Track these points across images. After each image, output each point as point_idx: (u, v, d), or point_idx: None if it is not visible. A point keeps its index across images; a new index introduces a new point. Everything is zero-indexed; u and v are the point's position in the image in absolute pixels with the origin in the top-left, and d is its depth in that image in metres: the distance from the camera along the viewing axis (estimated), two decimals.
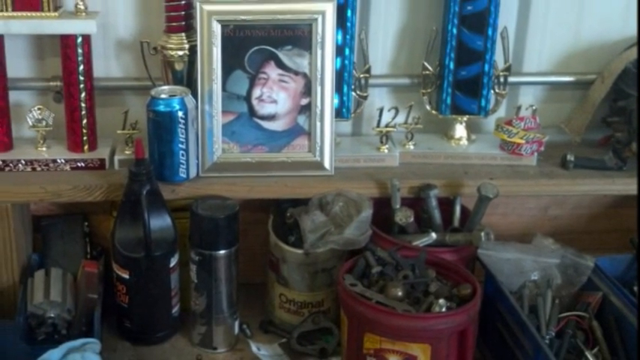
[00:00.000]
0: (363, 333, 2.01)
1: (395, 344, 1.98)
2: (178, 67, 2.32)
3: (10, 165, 2.31)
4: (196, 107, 2.27)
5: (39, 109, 2.34)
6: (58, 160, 2.33)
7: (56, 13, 2.25)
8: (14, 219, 2.27)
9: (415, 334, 1.98)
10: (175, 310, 2.32)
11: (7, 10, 2.24)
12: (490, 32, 2.38)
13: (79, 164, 2.34)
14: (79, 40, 2.27)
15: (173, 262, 2.26)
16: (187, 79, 2.34)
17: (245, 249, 2.34)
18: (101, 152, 2.38)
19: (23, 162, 2.32)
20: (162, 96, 2.22)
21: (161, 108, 2.20)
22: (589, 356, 2.08)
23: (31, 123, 2.34)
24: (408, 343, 1.97)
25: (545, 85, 2.59)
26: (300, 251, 2.26)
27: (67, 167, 2.33)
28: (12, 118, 2.36)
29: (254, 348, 2.29)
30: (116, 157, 2.36)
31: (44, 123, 2.34)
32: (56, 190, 2.25)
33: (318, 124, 2.32)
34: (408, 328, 1.97)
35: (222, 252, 2.20)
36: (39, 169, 2.32)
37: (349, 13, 2.34)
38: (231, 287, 2.25)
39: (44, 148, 2.36)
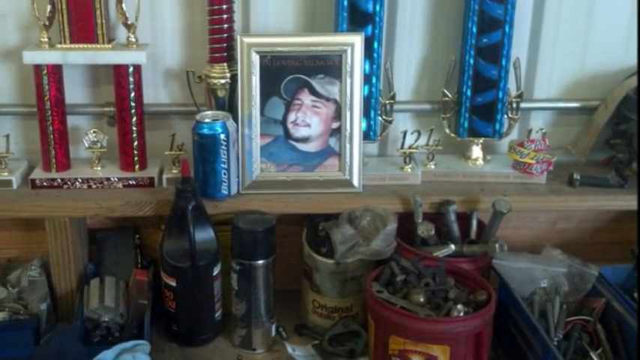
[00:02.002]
0: (389, 335, 2.08)
1: (417, 345, 2.05)
2: (221, 93, 2.40)
3: (68, 183, 2.41)
4: (237, 130, 2.34)
5: (94, 132, 2.43)
6: (112, 179, 2.42)
7: (110, 45, 2.35)
8: (72, 232, 2.36)
9: (436, 337, 2.04)
10: (218, 314, 2.39)
11: (65, 43, 2.34)
12: (504, 62, 2.44)
13: (130, 182, 2.43)
14: (131, 69, 2.36)
15: (216, 271, 2.33)
16: (229, 104, 2.41)
17: (281, 259, 2.40)
18: (150, 171, 2.46)
19: (80, 180, 2.41)
20: (206, 120, 2.29)
21: (205, 131, 2.27)
22: (593, 357, 2.15)
23: (87, 145, 2.43)
24: (429, 344, 2.04)
25: (553, 110, 2.65)
26: (331, 261, 2.32)
27: (120, 185, 2.42)
28: (70, 141, 2.45)
29: (289, 349, 2.37)
30: (164, 176, 2.44)
31: (99, 145, 2.43)
32: (110, 206, 2.34)
33: (348, 145, 2.39)
34: (429, 331, 2.05)
35: (260, 262, 2.28)
36: (94, 186, 2.42)
37: (376, 45, 2.40)
38: (268, 294, 2.32)
39: (99, 168, 2.46)
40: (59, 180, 2.43)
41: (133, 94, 2.39)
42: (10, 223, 2.55)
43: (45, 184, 2.43)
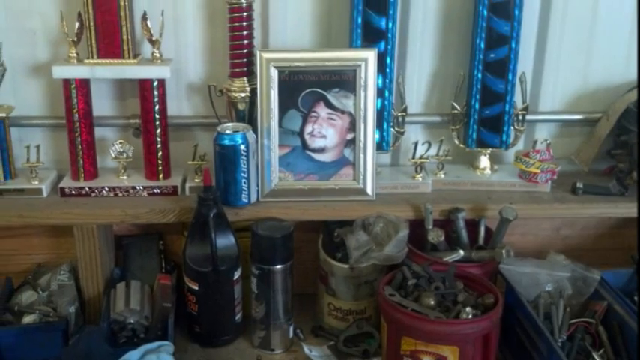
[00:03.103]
0: (401, 336, 2.13)
1: (428, 346, 2.10)
2: (241, 106, 2.45)
3: (96, 191, 2.47)
4: (256, 141, 2.38)
5: (120, 143, 2.49)
6: (137, 187, 2.48)
7: (135, 60, 2.41)
8: (99, 238, 2.42)
9: (445, 338, 2.09)
10: (238, 316, 2.45)
11: (93, 58, 2.40)
12: (510, 77, 2.48)
13: (155, 191, 2.49)
14: (155, 83, 2.41)
15: (236, 275, 2.39)
16: (249, 117, 2.45)
17: (298, 264, 2.44)
18: (174, 180, 2.52)
19: (107, 189, 2.48)
20: (227, 132, 2.34)
21: (226, 142, 2.32)
22: (596, 357, 2.19)
23: (113, 155, 2.50)
24: (439, 345, 2.09)
25: (557, 122, 2.69)
26: (346, 266, 2.38)
27: (145, 193, 2.48)
28: (97, 151, 2.51)
29: (306, 349, 2.42)
30: (187, 185, 2.50)
31: (125, 155, 2.49)
32: (135, 213, 2.41)
33: (362, 156, 2.43)
34: (439, 333, 2.09)
35: (278, 266, 2.34)
36: (120, 195, 2.48)
37: (388, 60, 2.45)
38: (286, 297, 2.38)
39: (125, 177, 2.52)
40: (87, 189, 2.49)
41: (157, 107, 2.45)
42: (40, 230, 2.60)
43: (73, 192, 2.49)
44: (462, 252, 2.45)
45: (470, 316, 2.13)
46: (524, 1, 2.44)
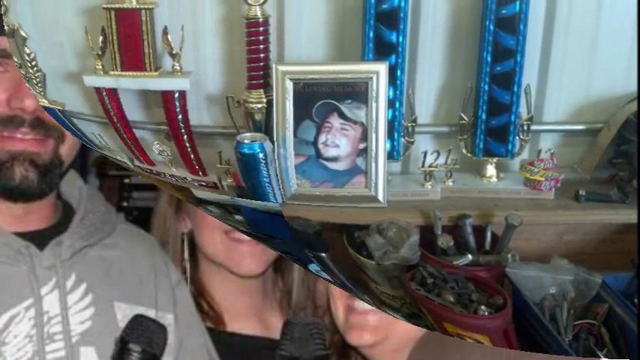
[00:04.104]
0: (442, 322, 2.27)
1: (465, 332, 2.24)
2: (258, 117, 2.52)
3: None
4: (273, 150, 2.46)
5: (157, 143, 2.59)
6: (187, 179, 2.62)
7: (156, 73, 2.48)
8: None
9: (475, 329, 2.23)
10: None
11: (117, 70, 2.48)
12: (516, 89, 2.53)
13: (202, 183, 2.61)
14: (177, 95, 2.49)
15: None
16: (265, 127, 2.52)
17: None
18: (212, 177, 2.61)
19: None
20: (246, 141, 2.43)
21: (245, 150, 2.42)
22: (601, 356, 2.27)
23: (157, 152, 2.60)
24: (473, 333, 2.23)
25: (561, 132, 2.72)
26: (373, 262, 2.46)
27: (195, 184, 2.61)
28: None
29: None
30: (224, 183, 2.58)
31: (165, 153, 2.60)
32: None
33: (374, 164, 2.49)
34: (469, 324, 2.24)
35: None
36: None
37: (399, 72, 2.50)
38: None
39: (174, 169, 2.63)
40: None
41: (180, 117, 2.52)
42: None
43: None
44: (470, 256, 2.51)
45: (486, 314, 2.24)
46: (529, 17, 2.50)
